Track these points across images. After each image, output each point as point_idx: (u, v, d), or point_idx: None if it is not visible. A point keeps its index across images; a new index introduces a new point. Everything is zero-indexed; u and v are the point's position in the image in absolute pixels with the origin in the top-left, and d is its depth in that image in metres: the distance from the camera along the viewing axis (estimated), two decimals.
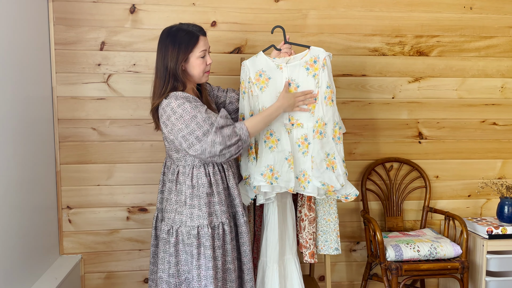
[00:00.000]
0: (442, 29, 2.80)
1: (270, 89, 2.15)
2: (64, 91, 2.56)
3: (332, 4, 2.70)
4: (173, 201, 1.99)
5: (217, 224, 1.97)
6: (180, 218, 1.96)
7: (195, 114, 1.85)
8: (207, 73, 2.02)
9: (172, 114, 1.86)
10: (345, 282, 2.91)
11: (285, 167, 2.12)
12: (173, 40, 1.92)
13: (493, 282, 2.59)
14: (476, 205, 2.97)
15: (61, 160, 2.59)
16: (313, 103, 2.12)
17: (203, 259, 1.93)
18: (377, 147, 2.84)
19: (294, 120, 2.16)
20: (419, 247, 2.46)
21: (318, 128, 2.10)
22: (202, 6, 2.61)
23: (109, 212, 2.66)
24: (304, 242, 2.30)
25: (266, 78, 2.15)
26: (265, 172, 2.10)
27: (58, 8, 2.51)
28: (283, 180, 2.12)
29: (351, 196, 2.19)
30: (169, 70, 1.91)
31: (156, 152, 2.65)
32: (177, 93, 1.89)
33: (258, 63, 2.16)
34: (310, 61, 2.13)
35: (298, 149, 2.16)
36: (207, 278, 1.92)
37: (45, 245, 2.44)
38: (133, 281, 2.73)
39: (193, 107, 1.86)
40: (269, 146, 2.14)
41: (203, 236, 1.94)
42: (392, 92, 2.82)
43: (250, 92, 2.15)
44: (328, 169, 2.10)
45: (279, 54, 2.18)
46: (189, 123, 1.85)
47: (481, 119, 2.90)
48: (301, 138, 2.16)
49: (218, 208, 1.98)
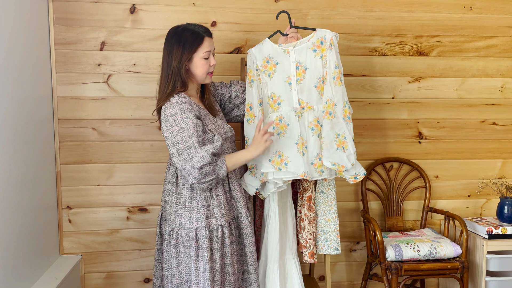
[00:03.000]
0: (442, 29, 2.80)
1: (279, 75, 2.14)
2: (64, 91, 2.56)
3: (332, 4, 2.70)
4: (173, 203, 2.01)
5: (216, 226, 1.97)
6: (180, 220, 1.98)
7: (183, 127, 1.88)
8: (210, 74, 2.03)
9: (164, 120, 1.92)
10: (345, 282, 2.91)
11: (294, 152, 2.09)
12: (178, 39, 1.94)
13: (493, 282, 2.59)
14: (476, 205, 2.97)
15: (61, 160, 2.59)
16: (271, 137, 2.04)
17: (201, 261, 1.94)
18: (377, 147, 2.84)
19: (305, 103, 2.14)
20: (419, 247, 2.46)
21: (328, 108, 2.09)
22: (202, 6, 2.61)
23: (109, 212, 2.66)
24: (304, 242, 2.30)
25: (273, 64, 2.14)
26: (273, 158, 2.09)
27: (58, 8, 2.51)
28: (293, 165, 2.08)
29: (360, 175, 2.17)
30: (172, 69, 1.93)
31: (156, 152, 2.65)
32: (174, 99, 1.91)
33: (264, 50, 2.15)
34: (317, 43, 2.12)
35: (312, 132, 2.12)
36: (204, 280, 1.93)
37: (45, 245, 2.44)
38: (133, 281, 2.72)
39: (184, 118, 1.88)
40: (278, 133, 2.12)
41: (201, 238, 1.95)
42: (392, 92, 2.82)
43: (258, 80, 2.15)
44: (339, 149, 2.09)
45: (286, 40, 2.18)
46: (176, 135, 1.88)
47: (481, 119, 2.90)
48: (313, 121, 2.13)
49: (217, 210, 1.98)
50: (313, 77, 2.13)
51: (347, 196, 2.83)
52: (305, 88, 2.14)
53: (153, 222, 2.67)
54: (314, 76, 2.13)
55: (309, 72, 2.13)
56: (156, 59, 2.59)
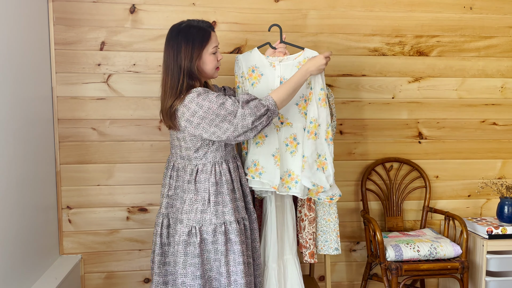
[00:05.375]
0: (442, 29, 2.80)
1: (262, 86, 2.16)
2: (64, 91, 2.56)
3: (332, 4, 2.70)
4: (192, 201, 1.95)
5: (239, 219, 1.98)
6: (203, 216, 1.93)
7: (223, 101, 1.85)
8: (218, 69, 2.02)
9: (199, 108, 1.84)
10: (345, 282, 2.91)
11: (270, 163, 2.13)
12: (186, 37, 1.88)
13: (493, 282, 2.59)
14: (476, 205, 2.97)
15: (61, 160, 2.59)
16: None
17: (232, 255, 1.93)
18: (377, 147, 2.84)
19: (284, 118, 2.16)
20: (419, 247, 2.46)
21: (313, 129, 2.11)
22: (202, 6, 2.61)
23: (109, 212, 2.66)
24: (304, 242, 2.30)
25: (258, 74, 2.17)
26: (250, 167, 2.14)
27: (58, 8, 2.51)
28: (268, 177, 2.12)
29: (336, 196, 2.21)
30: (183, 68, 1.87)
31: (156, 152, 2.65)
32: (197, 89, 1.87)
33: (251, 59, 2.18)
34: (303, 62, 2.14)
35: (286, 148, 2.17)
36: (237, 274, 1.92)
37: (45, 245, 2.44)
38: (133, 281, 2.72)
39: (218, 96, 1.86)
40: (256, 142, 2.16)
41: (232, 232, 1.93)
42: (392, 92, 2.82)
43: (243, 86, 2.19)
44: (319, 170, 2.12)
45: (274, 53, 2.20)
46: (219, 111, 1.84)
47: (481, 119, 2.90)
48: (289, 137, 2.17)
49: (239, 204, 2.00)
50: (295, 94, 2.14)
51: (347, 196, 2.83)
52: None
53: (153, 222, 2.67)
54: (296, 94, 2.12)
55: None
56: (156, 59, 2.59)
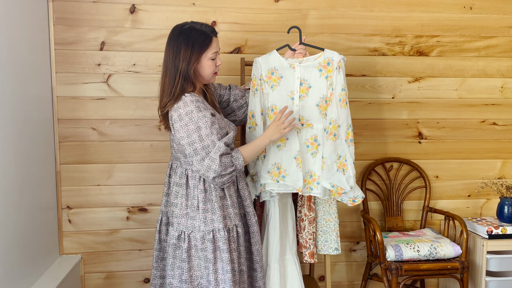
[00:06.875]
0: (442, 29, 2.80)
1: (281, 88, 2.15)
2: (64, 91, 2.56)
3: (332, 4, 2.70)
4: (182, 206, 1.95)
5: (231, 227, 1.96)
6: (193, 223, 1.93)
7: (200, 125, 1.84)
8: (216, 74, 2.01)
9: (178, 120, 1.85)
10: (345, 282, 2.91)
11: (293, 165, 2.12)
12: (186, 39, 1.87)
13: (493, 282, 2.59)
14: (476, 205, 2.97)
15: (61, 160, 2.59)
16: (294, 126, 2.07)
17: (220, 263, 1.91)
18: (377, 147, 2.84)
19: (304, 120, 2.16)
20: (419, 247, 2.46)
21: (333, 130, 2.10)
22: (202, 6, 2.61)
23: (109, 212, 2.66)
24: (304, 242, 2.30)
25: (278, 76, 2.15)
26: (272, 170, 2.12)
27: (58, 8, 2.51)
28: (291, 179, 2.12)
29: (358, 198, 2.19)
30: (180, 70, 1.87)
31: (156, 152, 2.65)
32: (187, 98, 1.85)
33: (271, 61, 2.16)
34: (323, 63, 2.13)
35: (307, 149, 2.16)
36: (226, 282, 1.90)
37: (45, 245, 2.44)
38: (133, 281, 2.72)
39: (201, 117, 1.84)
40: (277, 145, 2.15)
41: (220, 240, 1.91)
42: (392, 92, 2.82)
43: (261, 89, 2.16)
44: (339, 171, 2.11)
45: (293, 55, 2.18)
46: (192, 134, 1.84)
47: (481, 119, 2.90)
48: (310, 138, 2.16)
49: (231, 210, 1.97)
50: (316, 95, 2.14)
51: None
52: (306, 106, 2.15)
53: (153, 222, 2.67)
54: (317, 95, 2.14)
55: (313, 90, 2.14)
56: (156, 59, 2.59)
